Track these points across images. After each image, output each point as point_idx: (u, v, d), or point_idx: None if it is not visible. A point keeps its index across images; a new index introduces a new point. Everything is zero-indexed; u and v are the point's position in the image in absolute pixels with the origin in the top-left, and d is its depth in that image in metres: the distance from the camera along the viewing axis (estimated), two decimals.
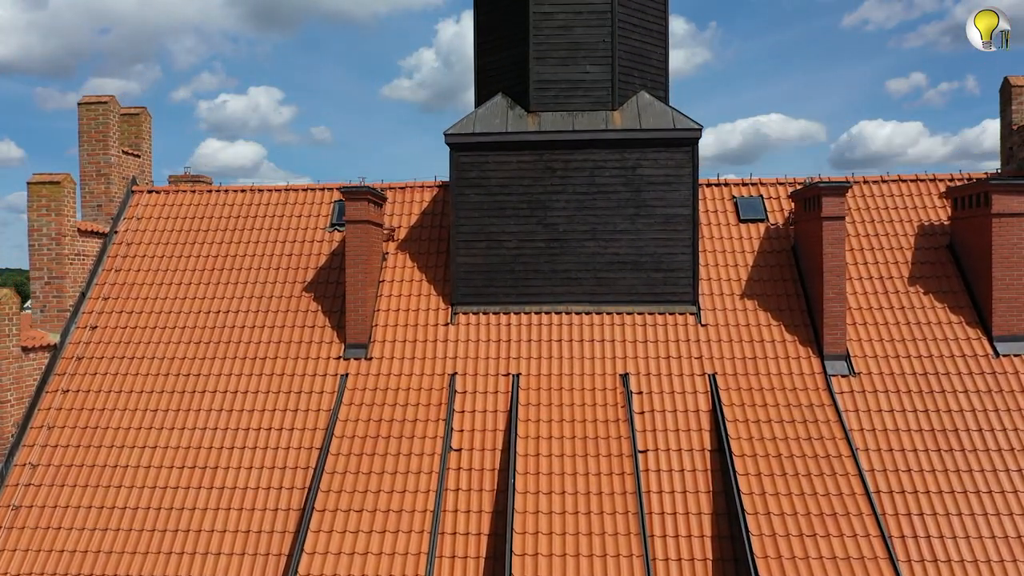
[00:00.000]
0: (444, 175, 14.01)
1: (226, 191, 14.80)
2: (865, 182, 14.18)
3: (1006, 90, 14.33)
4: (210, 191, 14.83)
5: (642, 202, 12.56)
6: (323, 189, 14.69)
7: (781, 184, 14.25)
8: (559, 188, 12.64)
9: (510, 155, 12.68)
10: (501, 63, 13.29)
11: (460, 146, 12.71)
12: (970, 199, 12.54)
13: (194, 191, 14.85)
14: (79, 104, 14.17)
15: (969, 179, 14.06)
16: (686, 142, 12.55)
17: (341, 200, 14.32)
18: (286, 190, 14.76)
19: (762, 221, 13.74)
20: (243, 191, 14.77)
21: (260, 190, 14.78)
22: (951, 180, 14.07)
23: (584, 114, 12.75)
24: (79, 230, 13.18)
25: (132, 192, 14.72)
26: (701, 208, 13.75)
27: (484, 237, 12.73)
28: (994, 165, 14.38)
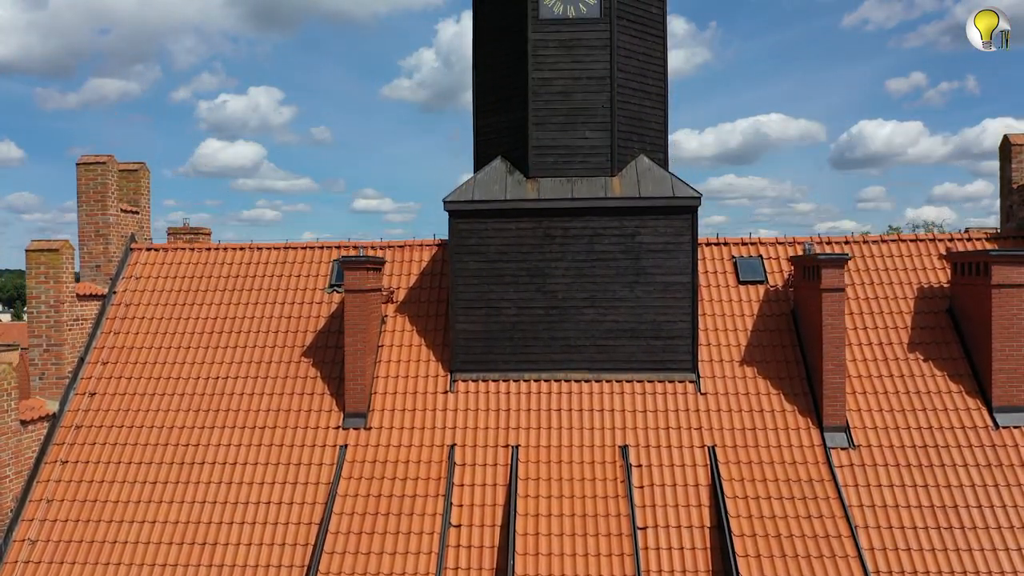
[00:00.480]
0: (444, 176, 14.06)
1: (224, 249, 14.78)
2: (865, 241, 14.17)
3: (1005, 148, 14.32)
4: (208, 249, 14.81)
5: (641, 269, 12.54)
6: (322, 247, 14.67)
7: (780, 244, 14.23)
8: (558, 255, 12.62)
9: (509, 222, 12.66)
10: (500, 125, 13.26)
11: (459, 213, 12.69)
12: (970, 266, 12.53)
13: (193, 248, 14.83)
14: (78, 164, 14.17)
15: (969, 238, 14.04)
16: (685, 210, 12.53)
17: (340, 259, 14.32)
18: (285, 248, 14.74)
19: (762, 283, 13.72)
20: (241, 249, 14.75)
21: (259, 248, 14.76)
22: (951, 240, 14.06)
23: (583, 180, 12.73)
24: (78, 295, 13.17)
25: (131, 250, 14.70)
26: (701, 269, 13.73)
27: (483, 304, 12.71)
28: (993, 166, 14.40)
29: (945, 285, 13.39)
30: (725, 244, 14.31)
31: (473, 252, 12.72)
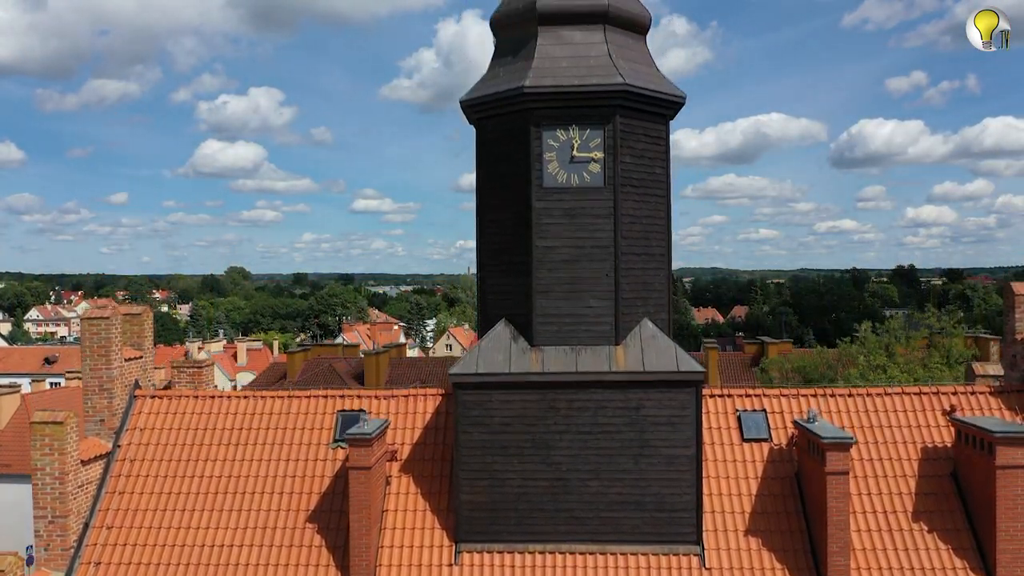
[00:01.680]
0: (443, 176, 14.06)
1: (228, 397, 14.79)
2: (868, 395, 14.17)
3: (1009, 297, 14.33)
4: (212, 397, 14.81)
5: (645, 442, 12.54)
6: (325, 396, 14.68)
7: (784, 396, 14.24)
8: (563, 427, 12.62)
9: (513, 394, 12.66)
10: (504, 288, 13.26)
11: (465, 385, 12.70)
12: (974, 439, 12.53)
13: (196, 396, 14.82)
14: (81, 319, 14.15)
15: (973, 392, 14.04)
16: (689, 383, 12.54)
17: (343, 411, 14.33)
18: (288, 397, 14.74)
19: (766, 441, 13.73)
20: (245, 398, 14.75)
21: (262, 397, 14.76)
22: (953, 394, 14.06)
23: (587, 350, 12.73)
24: (82, 460, 13.17)
25: (135, 398, 14.70)
26: (704, 424, 13.73)
27: (487, 475, 12.71)
28: (994, 165, 14.35)
29: (948, 445, 13.39)
30: (728, 396, 14.32)
31: (478, 423, 12.72)
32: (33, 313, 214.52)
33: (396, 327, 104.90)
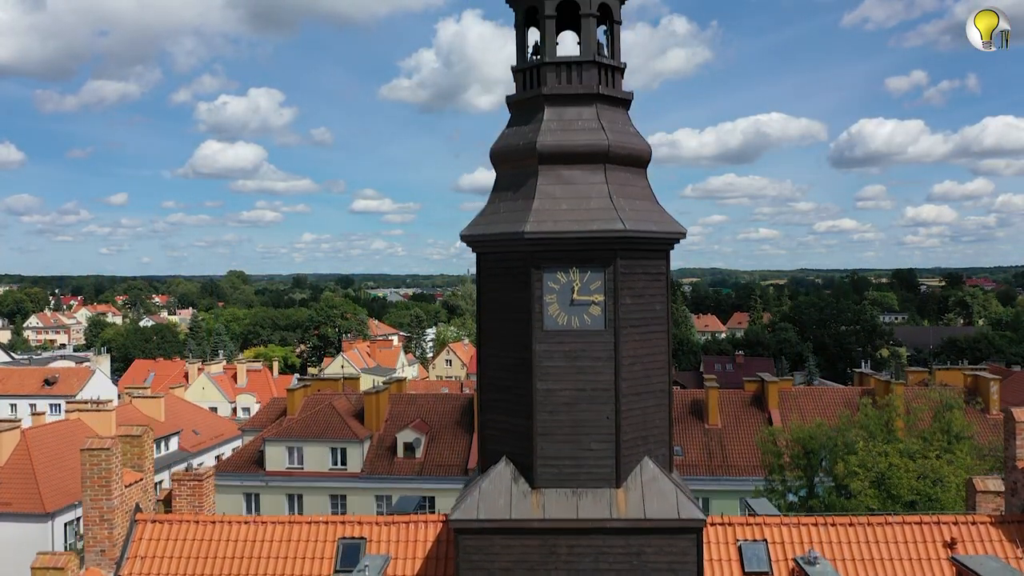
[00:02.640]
0: (443, 176, 14.03)
1: (229, 523, 14.79)
2: (869, 524, 14.18)
3: (1009, 423, 14.35)
4: (213, 523, 14.80)
5: None
6: (327, 523, 14.67)
7: (785, 525, 14.24)
8: (564, 572, 12.60)
9: (514, 539, 12.66)
10: (505, 425, 13.25)
11: (465, 531, 12.69)
12: None
13: (197, 521, 14.82)
14: (82, 451, 14.15)
15: (974, 522, 14.06)
16: (690, 530, 12.54)
17: (344, 539, 14.33)
18: (289, 523, 14.74)
19: (766, 574, 13.73)
20: (246, 523, 14.76)
21: (263, 522, 14.76)
22: (955, 523, 14.07)
23: (588, 493, 12.72)
24: None
25: (135, 522, 14.69)
26: (706, 556, 13.74)
27: None
28: (994, 165, 14.31)
29: None
30: (729, 525, 14.34)
31: (479, 568, 12.71)
32: (33, 320, 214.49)
33: (395, 343, 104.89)
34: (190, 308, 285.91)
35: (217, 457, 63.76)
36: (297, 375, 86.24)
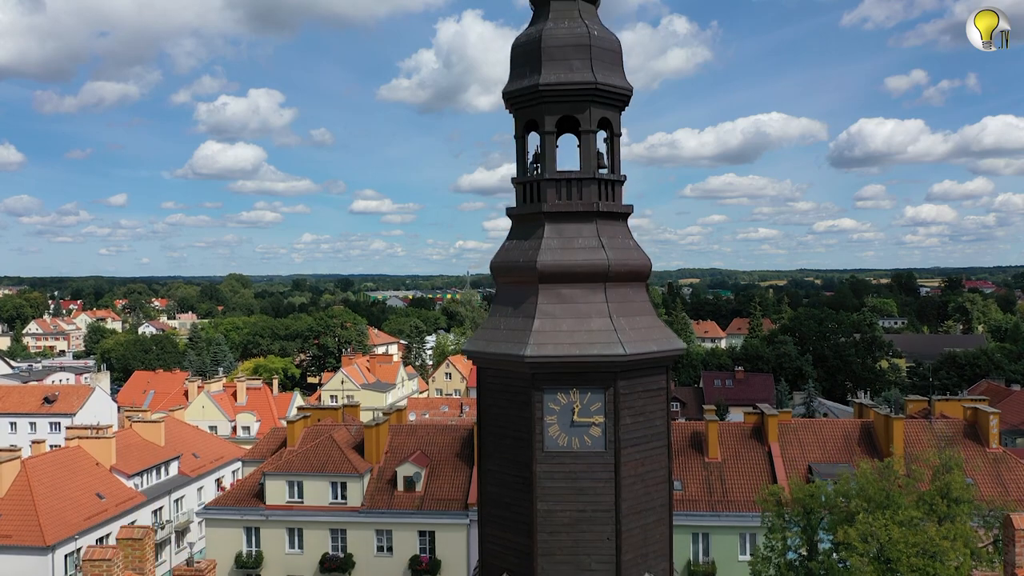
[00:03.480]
0: (441, 178, 14.02)
1: None
2: None
3: (1009, 531, 14.35)
4: None
5: None
6: None
7: None
8: None
9: None
10: (506, 542, 13.31)
11: None
12: None
13: None
14: (84, 560, 14.14)
15: None
16: None
17: None
18: None
19: None
20: None
21: None
22: None
23: None
24: None
25: None
26: None
27: None
28: (993, 164, 14.25)
29: None
30: None
31: None
32: (32, 326, 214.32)
33: (395, 358, 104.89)
34: (190, 312, 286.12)
35: (217, 481, 63.84)
36: (297, 389, 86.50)
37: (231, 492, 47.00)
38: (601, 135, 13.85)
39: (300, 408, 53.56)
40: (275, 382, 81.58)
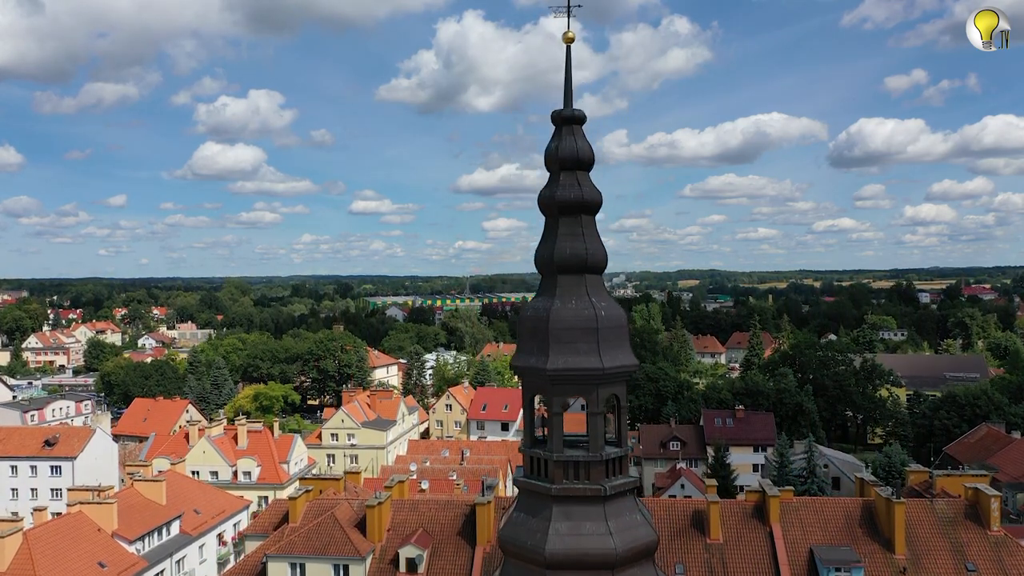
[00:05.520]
0: (441, 178, 14.04)
1: None
2: None
3: None
4: None
5: None
6: None
7: None
8: None
9: None
10: None
11: None
12: None
13: None
14: None
15: None
16: None
17: None
18: None
19: None
20: None
21: None
22: None
23: None
24: None
25: None
26: None
27: None
28: (994, 164, 14.20)
29: None
30: None
31: None
32: (32, 340, 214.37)
33: (395, 394, 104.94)
34: (189, 322, 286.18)
35: (219, 536, 63.90)
36: (299, 434, 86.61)
37: (234, 571, 47.06)
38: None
39: (302, 480, 53.52)
40: (276, 425, 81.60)
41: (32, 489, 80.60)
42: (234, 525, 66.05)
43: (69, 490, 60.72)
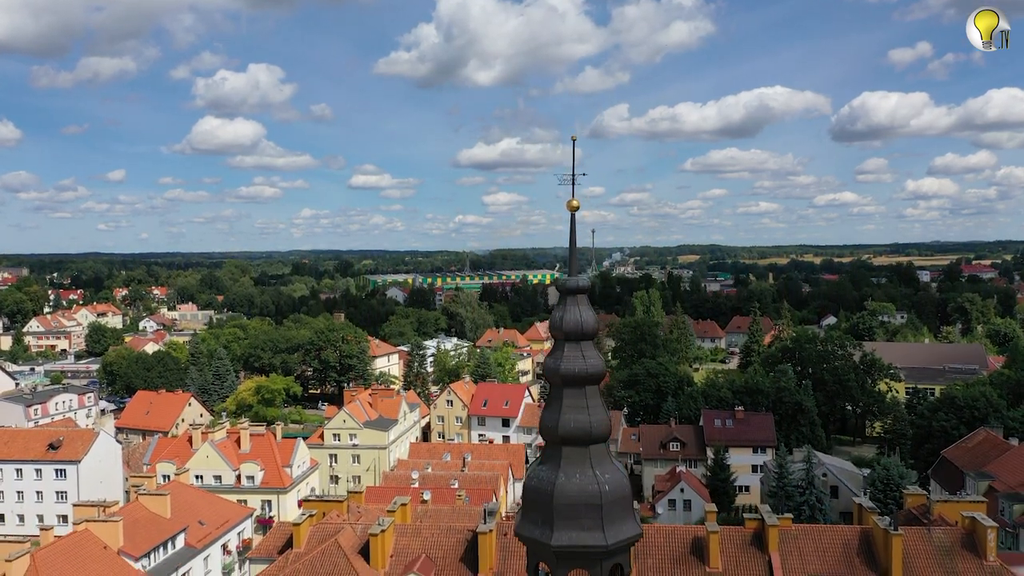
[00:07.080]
0: (441, 152, 14.42)
1: None
2: None
3: None
4: None
5: None
6: None
7: None
8: None
9: None
10: None
11: None
12: None
13: None
14: None
15: None
16: None
17: None
18: None
19: None
20: None
21: None
22: None
23: None
24: None
25: None
26: None
27: None
28: (995, 137, 14.34)
29: None
30: None
31: None
32: (33, 324, 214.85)
33: (397, 392, 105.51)
34: (190, 302, 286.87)
35: (223, 546, 64.72)
36: (301, 439, 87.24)
37: None
38: None
39: (305, 502, 54.03)
40: (279, 429, 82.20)
41: (37, 492, 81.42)
42: (238, 534, 66.86)
43: (75, 506, 61.31)
